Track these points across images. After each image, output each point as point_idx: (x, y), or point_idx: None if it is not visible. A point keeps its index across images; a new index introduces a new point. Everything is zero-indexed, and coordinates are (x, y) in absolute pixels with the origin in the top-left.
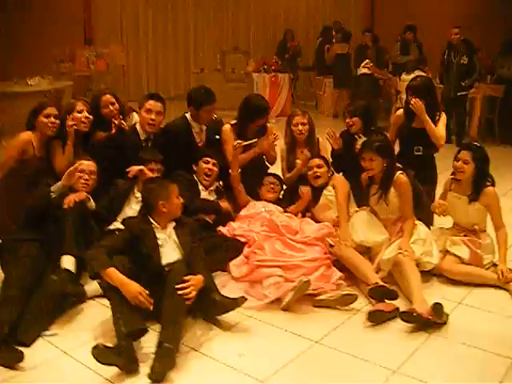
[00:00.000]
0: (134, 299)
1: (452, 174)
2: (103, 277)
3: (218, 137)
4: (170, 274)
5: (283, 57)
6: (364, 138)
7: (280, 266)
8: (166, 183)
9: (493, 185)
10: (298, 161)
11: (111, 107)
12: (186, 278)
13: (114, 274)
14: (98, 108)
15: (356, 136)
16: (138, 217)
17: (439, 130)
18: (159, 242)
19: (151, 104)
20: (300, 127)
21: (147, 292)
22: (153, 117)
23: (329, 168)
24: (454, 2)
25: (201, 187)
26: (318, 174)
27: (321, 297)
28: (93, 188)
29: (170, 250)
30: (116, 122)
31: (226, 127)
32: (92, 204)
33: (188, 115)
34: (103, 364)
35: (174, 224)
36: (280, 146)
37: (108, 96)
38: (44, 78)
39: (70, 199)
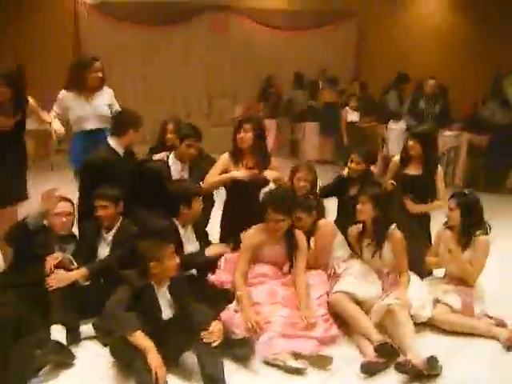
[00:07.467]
0: (156, 369)
1: (444, 224)
2: (129, 338)
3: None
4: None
5: (265, 103)
6: None
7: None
8: (160, 244)
9: (486, 233)
10: None
11: None
12: (210, 329)
13: (142, 338)
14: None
15: None
16: (134, 271)
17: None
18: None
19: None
20: (302, 183)
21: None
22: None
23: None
24: (438, 52)
25: (179, 227)
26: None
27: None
28: (70, 228)
29: (164, 307)
30: None
31: (224, 155)
32: (74, 265)
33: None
34: None
35: (168, 282)
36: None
37: None
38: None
39: (51, 268)
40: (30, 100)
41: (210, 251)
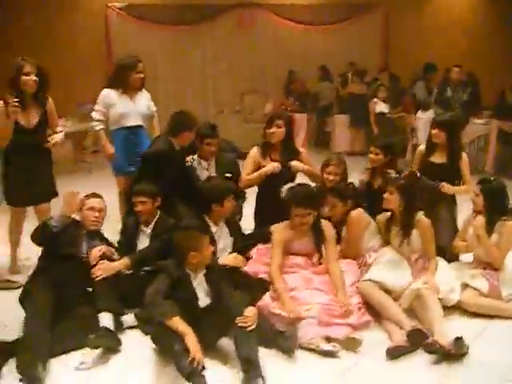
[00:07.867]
0: (194, 353)
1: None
2: (168, 324)
3: (228, 174)
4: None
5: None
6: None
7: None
8: (197, 234)
9: None
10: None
11: None
12: (245, 313)
13: (180, 323)
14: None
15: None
16: (171, 261)
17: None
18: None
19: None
20: (332, 177)
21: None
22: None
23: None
24: (466, 39)
25: (211, 224)
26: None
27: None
28: (101, 224)
29: (201, 295)
30: None
31: (253, 149)
32: (115, 256)
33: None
34: None
35: (204, 271)
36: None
37: None
38: (67, 120)
39: (95, 257)
40: (50, 100)
41: (223, 260)
